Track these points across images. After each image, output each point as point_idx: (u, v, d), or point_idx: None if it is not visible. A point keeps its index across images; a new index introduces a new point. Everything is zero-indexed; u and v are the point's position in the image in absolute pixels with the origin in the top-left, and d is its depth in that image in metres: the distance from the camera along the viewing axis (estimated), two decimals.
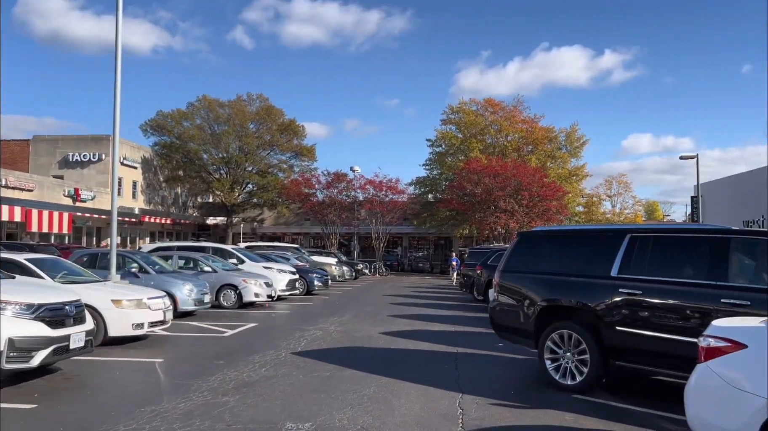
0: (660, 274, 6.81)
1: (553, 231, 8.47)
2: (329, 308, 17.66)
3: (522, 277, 8.19)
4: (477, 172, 42.04)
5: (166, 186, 54.28)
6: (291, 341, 11.14)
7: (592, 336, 7.19)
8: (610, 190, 65.93)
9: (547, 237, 8.33)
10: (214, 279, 16.85)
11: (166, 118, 51.07)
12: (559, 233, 8.27)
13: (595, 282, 7.29)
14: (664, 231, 6.98)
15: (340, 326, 13.50)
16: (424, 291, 26.31)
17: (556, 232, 8.36)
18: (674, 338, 6.45)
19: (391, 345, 10.97)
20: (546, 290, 7.80)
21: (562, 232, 8.23)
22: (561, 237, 8.15)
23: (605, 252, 7.36)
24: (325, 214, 46.33)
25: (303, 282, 21.68)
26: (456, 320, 15.27)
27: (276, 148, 52.26)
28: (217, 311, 16.04)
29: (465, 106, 52.30)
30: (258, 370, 8.41)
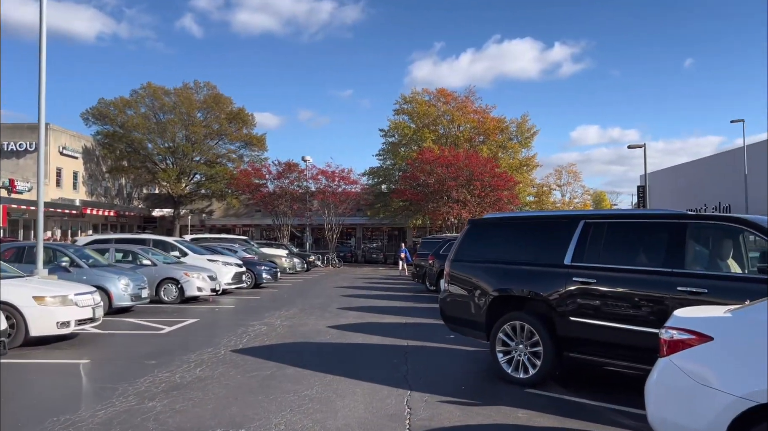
0: (615, 262, 6.53)
1: (505, 218, 8.11)
2: (277, 302, 17.05)
3: (473, 267, 7.82)
4: (430, 162, 41.86)
5: (110, 177, 52.30)
6: (232, 337, 10.52)
7: (545, 327, 6.87)
8: (560, 179, 67.09)
9: (499, 224, 7.98)
10: (153, 272, 16.00)
11: (109, 106, 49.06)
12: (511, 220, 7.93)
13: (548, 271, 6.96)
14: (619, 217, 6.70)
15: (287, 320, 12.94)
16: (376, 283, 25.92)
17: (508, 219, 8.02)
18: (630, 328, 6.18)
19: (339, 340, 10.49)
20: (498, 280, 7.45)
21: (513, 219, 7.90)
22: (513, 225, 7.80)
23: (558, 239, 7.04)
24: (276, 205, 45.38)
25: (250, 275, 20.94)
26: (408, 311, 14.90)
27: (225, 137, 50.94)
28: (156, 306, 15.23)
29: (418, 95, 52.07)
30: (192, 371, 7.80)
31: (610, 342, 6.36)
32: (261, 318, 13.25)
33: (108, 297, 13.12)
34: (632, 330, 6.16)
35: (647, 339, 6.03)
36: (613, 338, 6.32)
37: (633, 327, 6.16)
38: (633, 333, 6.15)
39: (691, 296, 5.81)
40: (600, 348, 6.47)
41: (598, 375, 7.79)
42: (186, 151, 48.99)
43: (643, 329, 6.07)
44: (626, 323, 6.22)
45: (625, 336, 6.22)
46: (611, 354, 6.40)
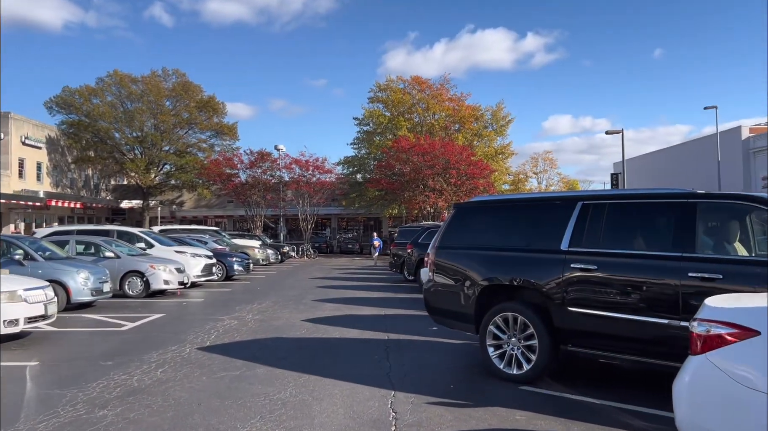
0: (617, 246, 5.95)
1: (494, 201, 7.48)
2: (249, 294, 16.28)
3: (460, 254, 7.20)
4: (405, 150, 41.23)
5: (76, 167, 50.57)
6: (200, 334, 9.78)
7: (541, 318, 6.29)
8: (536, 167, 66.86)
9: (487, 208, 7.35)
10: (117, 265, 15.11)
11: (74, 95, 47.27)
12: (501, 203, 7.30)
13: (543, 258, 6.37)
14: (621, 198, 6.12)
15: (259, 314, 12.21)
16: (352, 273, 25.25)
17: (497, 202, 7.39)
18: (635, 319, 5.62)
19: (315, 334, 9.82)
20: (487, 268, 6.84)
21: (504, 202, 7.27)
22: (503, 208, 7.18)
23: (554, 223, 6.45)
24: (249, 195, 44.32)
25: (221, 267, 20.10)
26: (386, 302, 14.27)
27: (195, 126, 49.52)
28: (120, 301, 14.36)
29: (392, 83, 51.28)
30: (153, 372, 7.06)
31: (613, 334, 5.80)
32: (231, 312, 12.50)
33: (66, 293, 12.27)
34: (638, 320, 5.60)
35: (655, 330, 5.50)
36: (616, 329, 5.76)
37: (639, 318, 5.60)
38: (639, 324, 5.60)
39: (703, 282, 5.26)
40: (602, 341, 5.90)
41: (594, 368, 7.25)
42: (155, 140, 47.52)
43: (650, 319, 5.53)
44: (631, 313, 5.66)
45: (630, 328, 5.66)
46: (614, 347, 5.83)
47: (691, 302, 5.33)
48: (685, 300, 5.34)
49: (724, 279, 5.17)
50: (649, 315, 5.55)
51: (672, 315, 5.41)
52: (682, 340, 5.32)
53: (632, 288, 5.74)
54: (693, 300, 5.33)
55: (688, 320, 5.31)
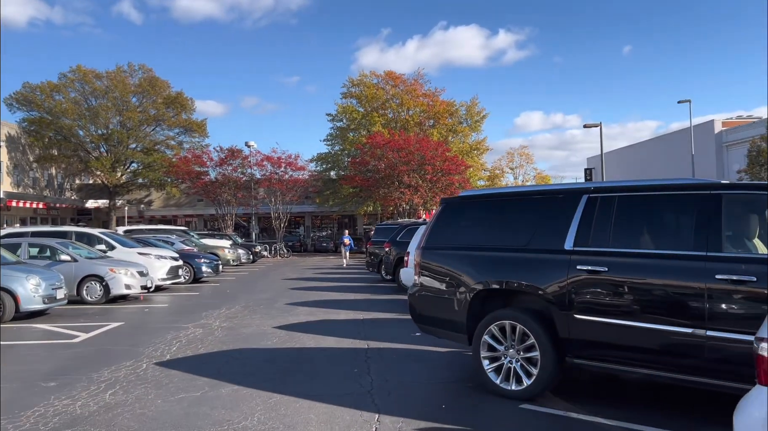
0: (630, 245, 5.25)
1: (487, 195, 6.71)
2: (217, 298, 15.34)
3: (449, 255, 6.44)
4: (380, 146, 40.47)
5: (38, 167, 48.64)
6: (160, 345, 8.87)
7: (543, 327, 5.56)
8: (512, 162, 66.46)
9: (479, 203, 6.59)
10: (73, 269, 14.04)
11: (35, 91, 45.41)
12: (494, 197, 6.53)
13: (544, 259, 5.64)
14: (633, 190, 5.42)
15: (227, 321, 11.32)
16: (327, 273, 24.39)
17: (490, 196, 6.62)
18: (653, 328, 4.92)
19: (288, 344, 8.98)
20: (480, 270, 6.09)
21: (497, 196, 6.51)
22: (496, 203, 6.42)
23: (555, 219, 5.73)
24: (219, 193, 43.02)
25: (188, 269, 19.08)
26: (364, 305, 13.47)
27: (162, 123, 47.99)
28: (77, 308, 13.33)
29: (365, 78, 50.40)
30: (101, 395, 6.16)
31: (627, 344, 5.10)
32: (197, 318, 11.58)
33: (14, 300, 11.23)
34: (656, 329, 4.91)
35: (676, 341, 4.81)
36: (630, 340, 5.06)
37: (657, 327, 4.91)
38: (657, 333, 4.90)
39: (734, 286, 4.58)
40: (614, 353, 5.19)
41: (600, 381, 6.55)
42: (121, 138, 45.89)
43: (670, 329, 4.84)
44: (648, 321, 4.96)
45: (647, 338, 4.96)
46: (628, 359, 5.12)
47: (719, 308, 4.65)
48: (711, 306, 4.66)
49: (758, 281, 4.49)
50: (669, 324, 4.86)
51: (696, 323, 4.72)
52: (709, 351, 4.66)
53: (649, 293, 5.04)
54: (721, 306, 4.66)
55: (715, 329, 4.68)
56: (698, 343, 4.69)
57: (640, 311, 5.02)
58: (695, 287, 4.76)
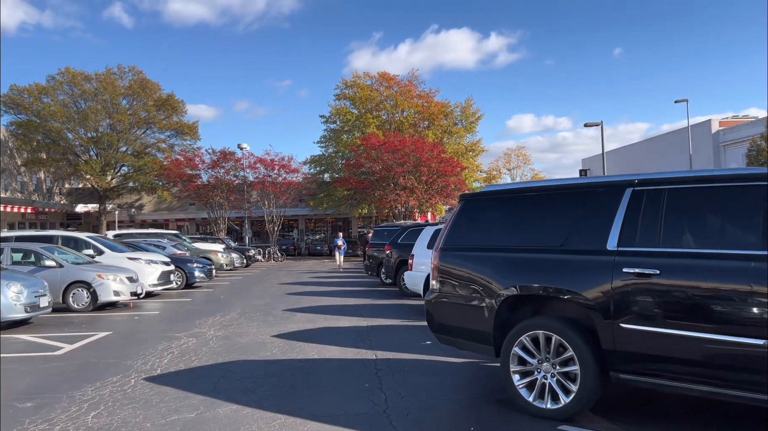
0: (685, 244, 4.63)
1: (513, 190, 6.02)
2: (211, 304, 14.63)
3: (472, 257, 5.79)
4: (375, 147, 39.84)
5: (26, 170, 47.70)
6: (150, 357, 8.17)
7: (584, 338, 4.93)
8: (509, 163, 65.67)
9: (504, 198, 5.93)
10: (59, 275, 13.31)
11: (22, 93, 44.54)
12: (522, 193, 5.87)
13: (584, 260, 5.01)
14: (686, 182, 4.78)
15: (222, 329, 10.62)
16: (324, 277, 23.69)
17: (517, 191, 5.94)
18: (716, 339, 4.29)
19: (289, 355, 8.30)
20: (509, 274, 5.44)
21: (525, 191, 5.84)
22: (525, 198, 5.76)
23: (595, 216, 5.10)
24: (211, 196, 42.22)
25: (181, 274, 18.35)
26: (366, 311, 12.81)
27: (153, 125, 47.18)
28: (63, 317, 12.60)
29: (359, 80, 49.77)
30: (83, 417, 5.47)
31: (684, 358, 4.46)
32: (190, 327, 10.88)
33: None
34: (720, 341, 4.28)
35: (743, 355, 4.18)
36: (687, 353, 4.43)
37: (721, 337, 4.28)
38: (720, 345, 4.27)
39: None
40: (668, 367, 4.55)
41: (639, 395, 5.90)
42: (111, 141, 45.04)
43: (737, 340, 4.21)
44: (710, 331, 4.32)
45: (708, 351, 4.34)
46: (686, 375, 4.48)
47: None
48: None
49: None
50: (734, 335, 4.23)
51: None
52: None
53: (710, 299, 4.41)
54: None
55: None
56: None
57: (701, 320, 4.39)
58: (766, 292, 4.12)
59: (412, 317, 11.71)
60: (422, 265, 12.52)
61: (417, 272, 12.57)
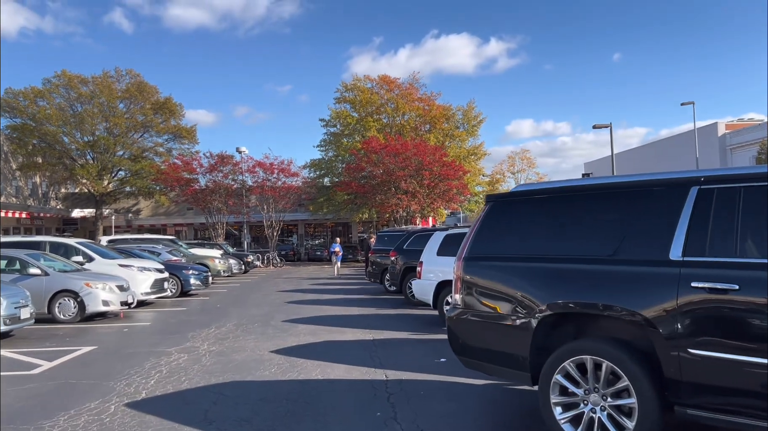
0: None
1: (550, 189, 5.16)
2: (206, 314, 13.82)
3: (503, 268, 5.00)
4: (376, 151, 39.04)
5: (21, 175, 46.89)
6: (136, 377, 7.37)
7: (642, 365, 4.14)
8: (513, 166, 64.34)
9: (540, 200, 5.11)
10: (44, 284, 12.51)
11: (18, 96, 43.81)
12: (562, 193, 5.03)
13: (641, 272, 4.22)
14: (763, 178, 4.00)
15: (217, 343, 9.82)
16: (325, 284, 22.86)
17: (556, 191, 5.08)
18: None
19: (289, 374, 7.49)
20: (550, 287, 4.65)
21: (566, 191, 4.99)
22: (565, 200, 4.93)
23: (653, 219, 4.32)
24: (209, 201, 41.38)
25: (175, 281, 17.54)
26: (371, 322, 12.01)
27: (150, 129, 46.43)
28: (48, 328, 11.80)
29: (360, 83, 48.96)
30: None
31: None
32: (182, 340, 10.08)
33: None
34: None
35: None
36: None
37: None
38: None
39: None
40: (751, 403, 3.76)
41: None
42: (107, 145, 44.27)
43: None
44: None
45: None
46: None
47: None
48: None
49: None
50: None
51: None
52: None
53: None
54: None
55: None
56: None
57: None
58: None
59: (422, 329, 10.92)
60: (431, 273, 11.73)
61: (426, 280, 11.76)
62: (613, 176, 4.67)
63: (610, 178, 4.86)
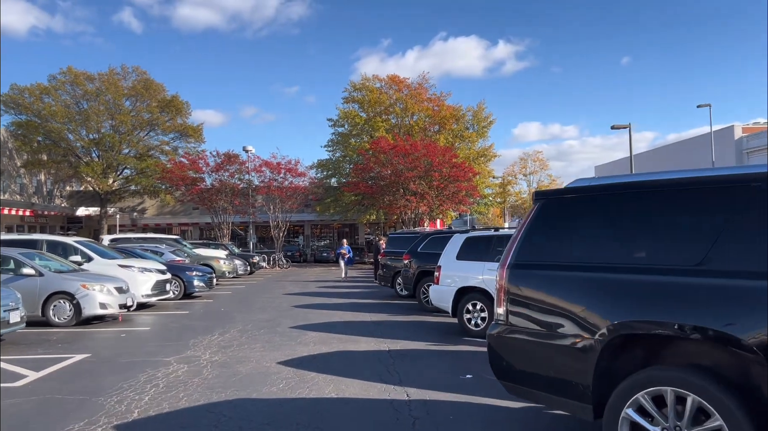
0: None
1: (616, 185, 4.26)
2: (210, 319, 13.07)
3: (559, 278, 4.22)
4: (385, 151, 38.26)
5: (26, 172, 46.35)
6: (129, 392, 6.61)
7: (739, 401, 3.35)
8: (525, 168, 62.92)
9: (604, 197, 4.23)
10: (38, 285, 11.80)
11: (23, 93, 43.27)
12: (631, 189, 4.15)
13: (741, 287, 3.43)
14: None
15: (220, 352, 9.06)
16: (333, 287, 22.10)
17: (624, 187, 4.19)
18: None
19: (299, 391, 6.72)
20: (619, 302, 3.85)
21: (637, 187, 4.13)
22: (636, 198, 4.05)
23: (751, 221, 3.53)
24: (215, 200, 40.67)
25: (178, 283, 16.81)
26: (385, 330, 11.23)
27: (156, 127, 45.85)
28: (41, 332, 11.08)
29: (368, 82, 48.20)
30: None
31: None
32: (183, 348, 9.33)
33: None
34: None
35: None
36: None
37: None
38: None
39: None
40: None
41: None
42: (113, 142, 43.69)
43: None
44: None
45: None
46: None
47: None
48: None
49: None
50: None
51: None
52: None
53: None
54: None
55: None
56: None
57: None
58: None
59: (440, 339, 10.14)
60: (449, 279, 10.95)
61: (444, 286, 10.98)
62: (691, 170, 3.86)
63: (689, 171, 4.06)
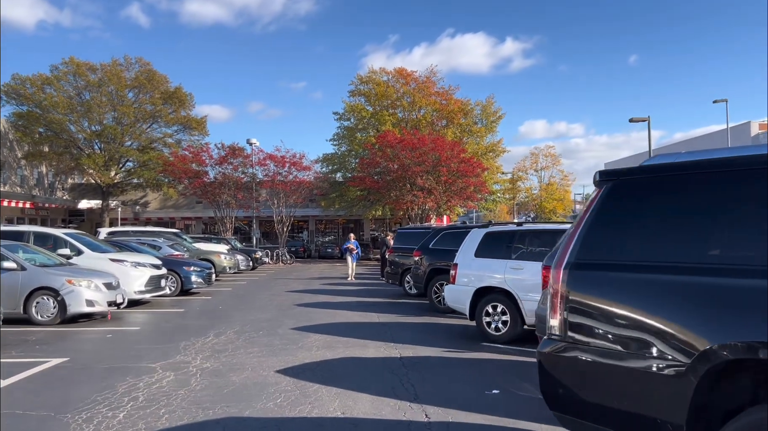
0: None
1: (712, 162, 3.21)
2: (206, 317, 12.16)
3: (636, 282, 3.25)
4: (392, 145, 37.27)
5: (27, 164, 45.58)
6: (102, 407, 5.69)
7: None
8: (536, 163, 61.27)
9: (697, 178, 3.30)
10: (20, 280, 10.90)
11: (24, 83, 42.47)
12: (736, 167, 3.21)
13: None
14: None
15: (213, 356, 8.14)
16: (338, 284, 21.16)
17: (725, 164, 3.19)
18: None
19: (299, 407, 5.78)
20: (723, 316, 2.90)
21: (737, 164, 3.22)
22: (742, 180, 3.11)
23: None
24: (218, 194, 39.77)
25: (175, 278, 15.90)
26: (395, 332, 10.29)
27: (159, 119, 44.99)
28: (21, 331, 10.19)
29: (375, 75, 47.20)
30: None
31: None
32: (172, 352, 8.41)
33: None
34: None
35: None
36: None
37: None
38: None
39: None
40: None
41: None
42: (115, 134, 42.86)
43: None
44: None
45: None
46: None
47: None
48: None
49: None
50: None
51: None
52: None
53: None
54: None
55: None
56: None
57: None
58: None
59: (457, 344, 9.20)
60: (467, 278, 10.00)
61: (460, 286, 10.02)
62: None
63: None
